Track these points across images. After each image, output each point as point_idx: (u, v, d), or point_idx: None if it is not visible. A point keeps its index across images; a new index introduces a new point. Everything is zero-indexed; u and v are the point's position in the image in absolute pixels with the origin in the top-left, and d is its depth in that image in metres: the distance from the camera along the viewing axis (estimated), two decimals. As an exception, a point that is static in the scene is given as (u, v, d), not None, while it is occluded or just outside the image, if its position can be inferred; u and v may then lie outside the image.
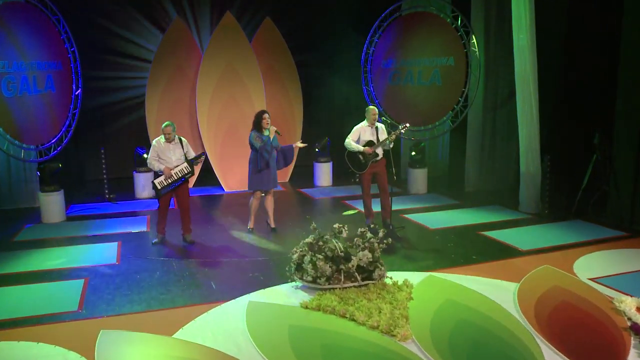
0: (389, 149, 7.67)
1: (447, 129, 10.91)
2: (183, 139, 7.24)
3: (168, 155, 7.06)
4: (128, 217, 8.80)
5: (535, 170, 8.59)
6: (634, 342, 4.47)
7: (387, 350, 4.35)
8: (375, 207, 7.91)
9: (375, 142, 7.63)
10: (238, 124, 10.84)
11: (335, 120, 12.49)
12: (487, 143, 10.41)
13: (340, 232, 5.83)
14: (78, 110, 9.29)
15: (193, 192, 9.71)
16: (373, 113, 7.66)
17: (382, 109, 11.29)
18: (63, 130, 9.02)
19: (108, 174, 9.90)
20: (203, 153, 7.22)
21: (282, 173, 11.64)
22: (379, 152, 7.72)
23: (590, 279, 5.88)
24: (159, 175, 7.07)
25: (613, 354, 4.31)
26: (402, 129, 7.58)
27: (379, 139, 7.65)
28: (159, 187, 7.03)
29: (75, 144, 10.36)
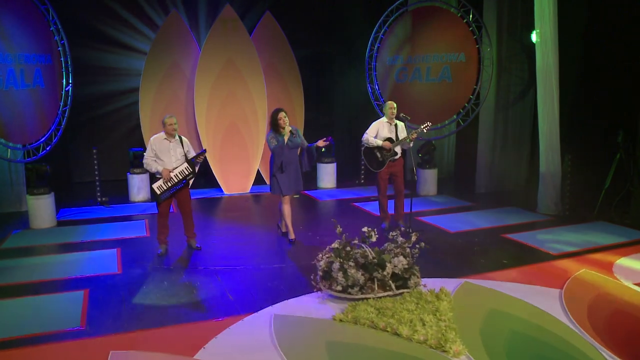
0: (408, 149, 7.19)
1: (456, 129, 10.50)
2: (183, 138, 6.60)
3: (167, 156, 6.38)
4: (124, 221, 8.17)
5: (556, 170, 8.19)
6: None
7: (441, 370, 3.86)
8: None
9: (395, 139, 7.17)
10: (238, 123, 10.29)
11: (338, 120, 12.01)
12: (498, 143, 10.01)
13: (370, 236, 5.34)
14: (68, 108, 8.63)
15: (191, 194, 9.11)
16: (391, 107, 7.21)
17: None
18: (52, 129, 8.36)
19: (100, 176, 9.24)
20: (204, 150, 6.57)
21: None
22: (398, 151, 7.26)
23: (636, 284, 5.48)
24: (157, 179, 6.39)
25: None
26: (423, 128, 7.12)
27: (398, 137, 7.19)
28: (159, 192, 6.34)
29: (65, 144, 9.68)
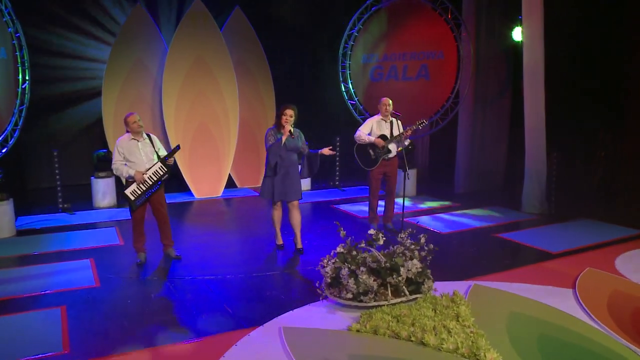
0: (405, 148, 6.88)
1: (435, 127, 10.34)
2: (152, 135, 6.04)
3: (138, 156, 5.81)
4: (92, 229, 7.50)
5: (541, 169, 8.11)
6: None
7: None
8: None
9: (389, 137, 6.87)
10: (209, 123, 9.76)
11: (311, 120, 11.56)
12: (476, 142, 9.91)
13: (377, 239, 4.99)
14: (25, 107, 7.86)
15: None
16: (386, 104, 6.90)
17: (362, 107, 10.58)
18: (8, 129, 7.59)
19: (62, 181, 8.49)
20: (178, 146, 6.00)
21: (252, 177, 10.65)
22: (392, 149, 6.96)
23: (644, 282, 5.38)
24: (130, 183, 5.81)
25: None
26: (419, 125, 6.85)
27: (393, 134, 6.89)
28: (132, 197, 5.76)
29: (21, 146, 8.86)
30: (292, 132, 5.93)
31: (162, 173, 5.88)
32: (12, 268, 5.90)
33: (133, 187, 5.78)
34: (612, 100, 7.91)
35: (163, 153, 5.99)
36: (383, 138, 6.84)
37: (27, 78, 7.88)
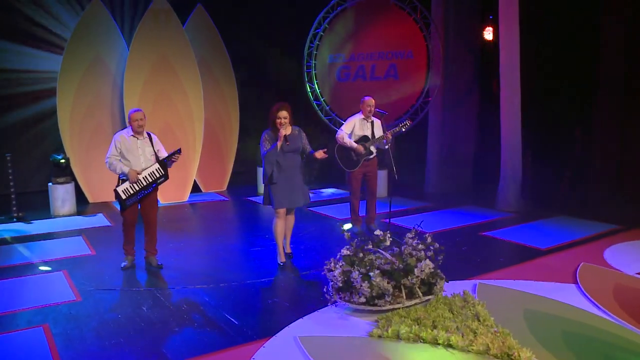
0: (385, 149, 6.73)
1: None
2: (153, 135, 5.70)
3: (136, 155, 5.47)
4: (55, 238, 6.89)
5: (517, 166, 8.20)
6: None
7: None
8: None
9: (370, 137, 6.72)
10: (172, 125, 9.28)
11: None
12: (446, 142, 9.95)
13: (384, 240, 4.79)
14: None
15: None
16: (369, 104, 6.74)
17: (328, 108, 10.39)
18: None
19: (15, 187, 7.77)
20: (179, 150, 5.65)
21: (216, 182, 10.22)
22: (373, 150, 6.81)
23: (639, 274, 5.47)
24: (123, 181, 5.47)
25: None
26: (402, 127, 6.74)
27: (374, 135, 6.74)
28: (124, 196, 5.43)
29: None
30: (287, 138, 5.44)
31: (158, 175, 5.57)
32: (-27, 284, 5.28)
33: (126, 185, 5.46)
34: (585, 99, 8.11)
35: (162, 155, 5.68)
36: (364, 140, 6.69)
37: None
